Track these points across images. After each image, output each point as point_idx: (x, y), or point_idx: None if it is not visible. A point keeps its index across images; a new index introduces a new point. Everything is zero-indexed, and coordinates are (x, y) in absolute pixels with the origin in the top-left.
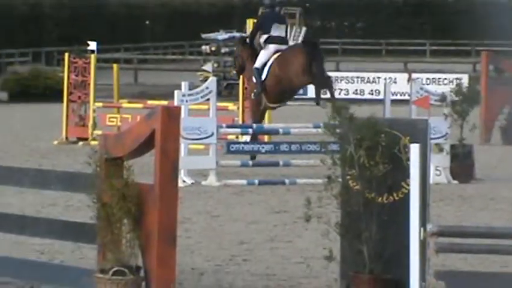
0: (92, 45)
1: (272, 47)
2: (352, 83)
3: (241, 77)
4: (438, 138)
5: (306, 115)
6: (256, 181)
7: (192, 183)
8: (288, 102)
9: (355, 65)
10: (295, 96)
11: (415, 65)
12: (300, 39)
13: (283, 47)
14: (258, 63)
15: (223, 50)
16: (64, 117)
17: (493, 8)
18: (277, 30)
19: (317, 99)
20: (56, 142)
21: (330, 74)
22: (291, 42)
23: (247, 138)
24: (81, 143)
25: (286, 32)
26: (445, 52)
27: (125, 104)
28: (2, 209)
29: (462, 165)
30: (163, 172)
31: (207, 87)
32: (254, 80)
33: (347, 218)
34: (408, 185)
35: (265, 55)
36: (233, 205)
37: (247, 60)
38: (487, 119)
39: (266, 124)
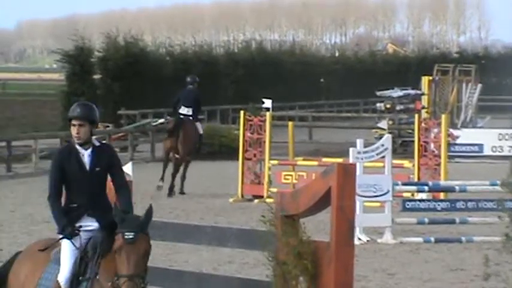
0: (267, 103)
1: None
2: None
3: (416, 134)
4: None
5: (482, 172)
6: (433, 239)
7: (368, 241)
8: (465, 160)
9: None
10: (472, 154)
11: None
12: (476, 95)
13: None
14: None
15: (398, 107)
16: (239, 174)
17: None
18: (186, 101)
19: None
20: (231, 200)
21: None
22: (465, 99)
23: (422, 195)
24: (256, 200)
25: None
26: None
27: (300, 161)
28: (179, 266)
29: None
30: (340, 230)
31: (382, 145)
32: None
33: None
34: None
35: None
36: (409, 263)
37: None
38: None
39: (442, 181)
